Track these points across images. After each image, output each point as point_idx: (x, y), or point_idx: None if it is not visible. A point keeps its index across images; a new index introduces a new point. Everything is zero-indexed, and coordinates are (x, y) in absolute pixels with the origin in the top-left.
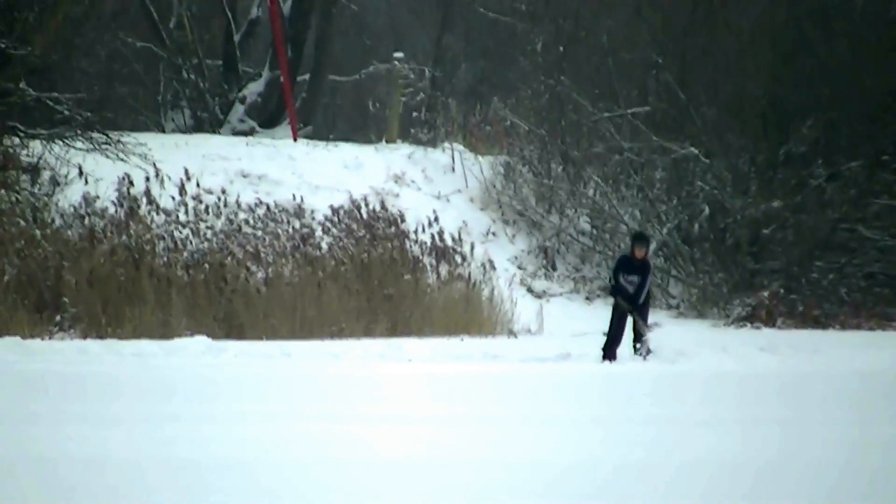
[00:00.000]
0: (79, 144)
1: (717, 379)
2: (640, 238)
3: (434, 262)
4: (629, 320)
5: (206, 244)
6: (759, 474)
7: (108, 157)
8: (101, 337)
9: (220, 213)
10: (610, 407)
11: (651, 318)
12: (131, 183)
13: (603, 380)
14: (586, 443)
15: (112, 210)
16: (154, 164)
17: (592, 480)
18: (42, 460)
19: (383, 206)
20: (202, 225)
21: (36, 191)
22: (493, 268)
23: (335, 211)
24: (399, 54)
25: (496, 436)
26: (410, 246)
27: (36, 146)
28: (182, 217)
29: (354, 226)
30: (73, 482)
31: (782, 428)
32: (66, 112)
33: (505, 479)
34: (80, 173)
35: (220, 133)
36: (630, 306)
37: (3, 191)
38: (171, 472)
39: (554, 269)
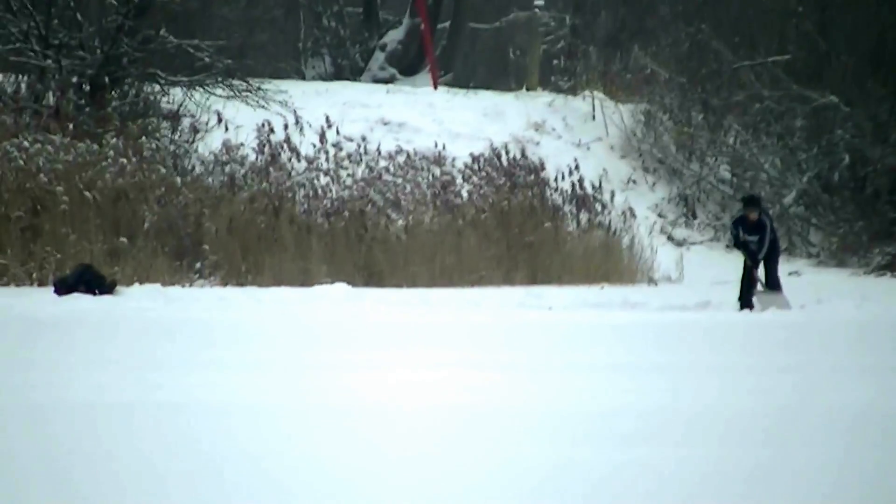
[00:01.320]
0: (219, 91)
1: (855, 327)
2: (749, 202)
3: (574, 210)
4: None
5: (346, 192)
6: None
7: (248, 104)
8: (240, 284)
9: (361, 160)
10: (750, 355)
11: (792, 267)
12: (272, 130)
13: (742, 328)
14: (724, 391)
15: (252, 157)
16: (294, 112)
17: (732, 428)
18: (167, 406)
19: (523, 154)
20: (342, 172)
21: (176, 138)
22: (634, 216)
23: (475, 159)
24: (539, 2)
25: (630, 384)
26: (550, 194)
27: (176, 93)
28: (322, 164)
29: (494, 174)
30: (195, 428)
31: None
32: (207, 59)
33: (642, 426)
34: (220, 120)
35: (360, 80)
36: (751, 262)
37: (143, 138)
38: (309, 418)
39: (694, 217)
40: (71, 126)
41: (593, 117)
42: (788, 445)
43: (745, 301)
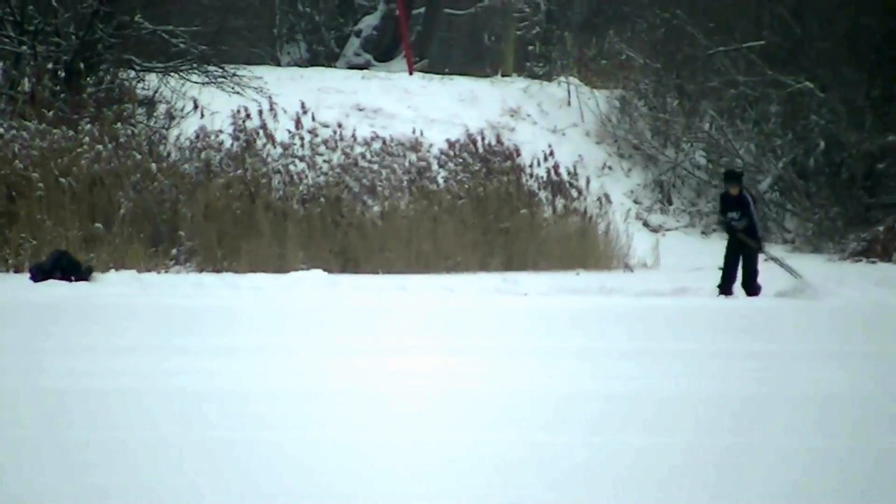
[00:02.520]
0: (194, 77)
1: (830, 313)
2: (729, 176)
3: (550, 196)
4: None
5: (322, 178)
6: (863, 405)
7: (223, 90)
8: (216, 270)
9: (336, 146)
10: (724, 342)
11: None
12: (247, 116)
13: (718, 314)
14: (701, 376)
15: (228, 143)
16: (270, 98)
17: (705, 413)
18: (141, 391)
19: (499, 140)
20: (318, 159)
21: (152, 124)
22: (609, 202)
23: (451, 145)
24: None
25: (610, 370)
26: (526, 180)
27: (152, 79)
28: (298, 151)
29: (470, 160)
30: (169, 413)
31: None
32: (182, 45)
33: (622, 410)
34: (196, 106)
35: (335, 66)
36: (756, 245)
37: (119, 124)
38: (280, 403)
39: (670, 203)
40: (47, 112)
41: (569, 103)
42: (757, 432)
43: (725, 288)
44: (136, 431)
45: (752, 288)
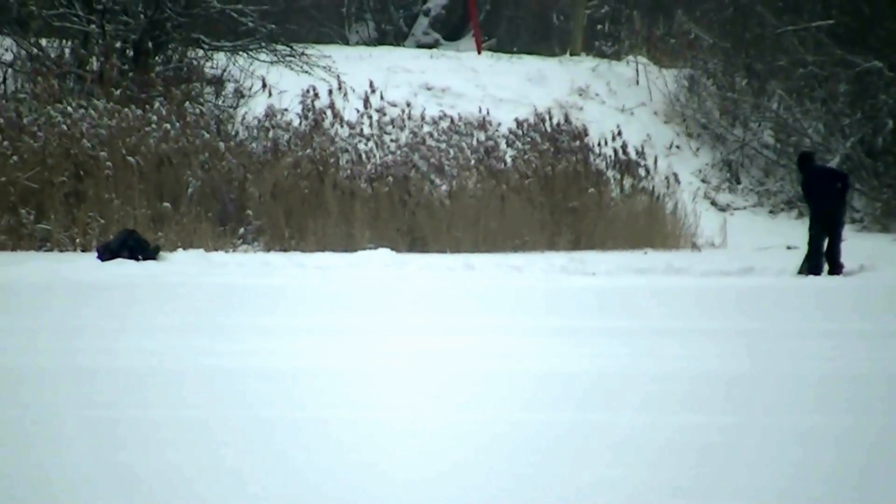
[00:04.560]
0: (263, 56)
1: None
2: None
3: (618, 175)
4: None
5: (389, 157)
6: None
7: (292, 69)
8: (284, 250)
9: (404, 125)
10: (791, 320)
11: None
12: (316, 95)
13: (788, 293)
14: (769, 355)
15: (296, 122)
16: (338, 77)
17: (773, 392)
18: (214, 370)
19: (567, 120)
20: (386, 138)
21: (220, 103)
22: (677, 181)
23: (519, 124)
24: None
25: (677, 349)
26: (594, 159)
27: (220, 58)
28: (366, 130)
29: (538, 139)
30: (242, 391)
31: None
32: (250, 24)
33: (688, 390)
34: (264, 86)
35: (404, 46)
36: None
37: (187, 103)
38: (344, 382)
39: (738, 182)
40: (115, 91)
41: (637, 82)
42: (834, 410)
43: (813, 267)
44: (219, 410)
45: (837, 266)
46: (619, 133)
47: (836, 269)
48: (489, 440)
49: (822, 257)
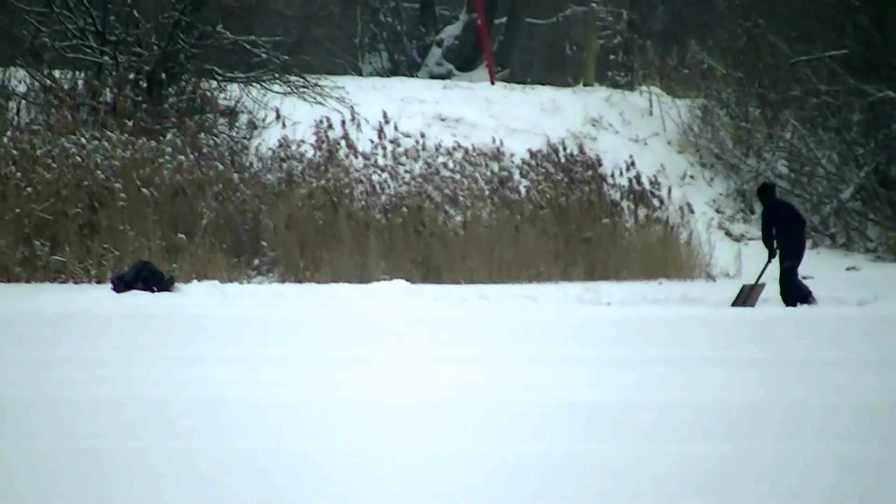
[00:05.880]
0: (276, 87)
1: None
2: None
3: (632, 205)
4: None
5: (403, 187)
6: None
7: (305, 100)
8: (298, 280)
9: (418, 156)
10: (804, 350)
11: (850, 262)
12: (329, 126)
13: (801, 323)
14: (776, 385)
15: (310, 153)
16: (352, 108)
17: (778, 421)
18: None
19: (581, 150)
20: (400, 168)
21: (234, 134)
22: (691, 211)
23: (533, 154)
24: None
25: (684, 379)
26: (608, 189)
27: (233, 89)
28: (380, 160)
29: (552, 169)
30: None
31: None
32: (264, 55)
33: (696, 420)
34: (278, 116)
35: (417, 76)
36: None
37: (201, 134)
38: (359, 413)
39: (752, 212)
40: (128, 122)
41: (650, 112)
42: (837, 439)
43: (803, 296)
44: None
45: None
46: (633, 163)
47: (790, 299)
48: (492, 468)
49: (800, 284)
